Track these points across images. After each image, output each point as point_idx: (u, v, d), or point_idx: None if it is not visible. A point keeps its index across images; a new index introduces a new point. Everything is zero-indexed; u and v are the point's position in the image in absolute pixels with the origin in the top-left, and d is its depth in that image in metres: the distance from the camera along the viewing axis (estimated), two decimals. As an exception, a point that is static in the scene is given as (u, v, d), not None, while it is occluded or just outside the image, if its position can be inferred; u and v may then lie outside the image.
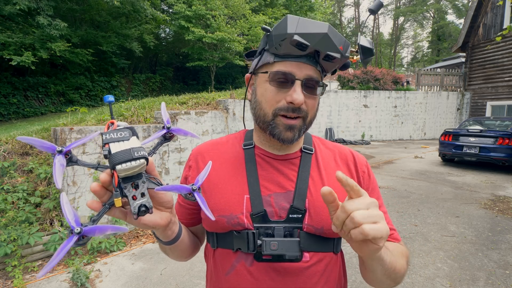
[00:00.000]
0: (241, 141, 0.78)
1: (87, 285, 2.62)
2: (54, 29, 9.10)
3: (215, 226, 0.69)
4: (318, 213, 0.67)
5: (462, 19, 25.98)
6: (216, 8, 12.63)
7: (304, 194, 0.68)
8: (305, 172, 0.71)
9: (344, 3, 37.86)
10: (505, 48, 11.75)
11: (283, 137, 0.66)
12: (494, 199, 4.93)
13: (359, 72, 12.55)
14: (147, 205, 0.46)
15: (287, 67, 0.64)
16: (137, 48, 12.66)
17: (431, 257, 3.10)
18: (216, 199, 0.69)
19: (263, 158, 0.73)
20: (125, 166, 0.42)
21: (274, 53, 0.66)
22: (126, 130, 0.46)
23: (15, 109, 10.74)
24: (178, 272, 2.87)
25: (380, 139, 12.63)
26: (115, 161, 0.42)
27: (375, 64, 32.18)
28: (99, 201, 0.46)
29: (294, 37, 0.59)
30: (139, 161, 0.43)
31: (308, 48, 0.61)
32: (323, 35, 0.60)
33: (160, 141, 0.53)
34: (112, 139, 0.44)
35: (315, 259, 0.67)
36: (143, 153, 0.44)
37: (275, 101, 0.66)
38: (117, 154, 0.43)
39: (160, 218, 0.53)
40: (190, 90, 14.59)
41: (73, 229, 0.39)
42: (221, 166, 0.73)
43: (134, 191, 0.45)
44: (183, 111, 4.50)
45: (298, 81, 0.64)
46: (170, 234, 0.60)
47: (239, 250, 0.67)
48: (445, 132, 7.72)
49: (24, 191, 3.11)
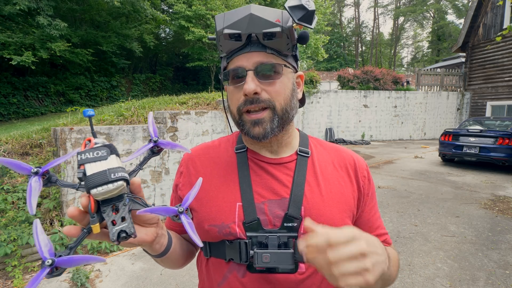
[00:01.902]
0: (233, 144, 0.74)
1: (87, 285, 2.62)
2: (54, 29, 9.10)
3: (206, 235, 0.66)
4: (314, 220, 0.63)
5: (462, 19, 25.99)
6: (216, 8, 12.63)
7: (299, 201, 0.64)
8: (301, 177, 0.67)
9: (344, 3, 37.86)
10: (505, 48, 11.76)
11: (253, 133, 0.63)
12: (494, 199, 4.93)
13: (359, 72, 12.56)
14: (127, 231, 0.42)
15: (235, 62, 0.63)
16: (137, 48, 12.66)
17: (431, 257, 3.10)
18: (207, 208, 0.66)
19: (256, 163, 0.69)
20: (101, 189, 0.39)
21: (223, 56, 0.65)
22: (103, 149, 0.42)
23: (15, 109, 10.75)
24: (178, 272, 2.87)
25: (380, 139, 12.63)
26: (89, 185, 0.39)
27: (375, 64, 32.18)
28: (77, 226, 0.42)
29: (224, 31, 0.58)
30: (116, 184, 0.39)
31: (242, 36, 0.59)
32: (249, 16, 0.57)
33: (148, 155, 0.50)
34: (87, 159, 0.40)
35: (312, 270, 0.63)
36: (121, 175, 0.40)
37: (236, 100, 0.64)
38: (92, 176, 0.39)
39: (146, 235, 0.50)
40: (190, 90, 14.59)
41: (45, 261, 0.36)
42: (213, 172, 0.70)
43: (114, 215, 0.42)
44: (183, 111, 4.50)
45: (249, 72, 0.61)
46: (159, 248, 0.57)
47: (232, 261, 0.64)
48: (445, 132, 7.72)
49: (24, 191, 3.11)
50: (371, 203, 0.73)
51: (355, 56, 36.95)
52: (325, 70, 28.26)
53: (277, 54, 0.62)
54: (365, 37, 39.48)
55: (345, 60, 33.31)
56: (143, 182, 3.84)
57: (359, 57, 37.18)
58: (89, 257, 0.39)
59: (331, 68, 29.57)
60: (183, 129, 4.39)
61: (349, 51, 38.01)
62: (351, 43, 38.56)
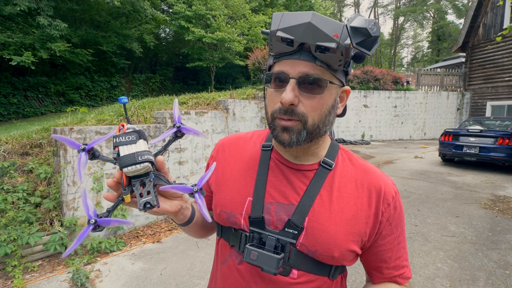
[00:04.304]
0: (263, 140, 0.77)
1: (87, 285, 2.62)
2: (55, 29, 9.10)
3: (218, 217, 0.73)
4: (315, 235, 0.62)
5: (462, 19, 25.99)
6: (216, 8, 12.63)
7: (305, 212, 0.63)
8: (315, 189, 0.66)
9: (344, 3, 37.86)
10: (505, 48, 11.76)
11: (280, 138, 0.62)
12: (494, 199, 4.93)
13: (359, 72, 12.55)
14: (151, 203, 0.51)
15: (281, 66, 0.61)
16: (137, 48, 12.66)
17: (431, 257, 3.10)
18: (223, 194, 0.72)
19: (276, 164, 0.70)
20: (130, 169, 0.48)
21: (272, 54, 0.63)
22: (133, 134, 0.50)
23: (15, 109, 10.74)
24: (178, 272, 2.87)
25: (380, 139, 12.63)
26: (122, 164, 0.48)
27: (375, 64, 32.17)
28: (115, 194, 0.52)
29: (277, 33, 0.57)
30: (142, 165, 0.48)
31: (294, 42, 0.57)
32: (306, 24, 0.55)
33: (171, 139, 0.57)
34: (120, 143, 0.49)
35: (305, 278, 0.64)
36: (147, 157, 0.49)
37: (273, 103, 0.63)
38: (123, 157, 0.48)
39: (170, 206, 0.58)
40: (190, 90, 14.59)
41: (90, 219, 0.47)
42: (236, 163, 0.75)
43: (142, 189, 0.51)
44: (183, 111, 4.50)
45: (292, 80, 0.59)
46: (182, 218, 0.65)
47: (233, 247, 0.70)
48: (445, 132, 7.72)
49: (24, 191, 3.11)
50: (394, 233, 0.68)
51: (355, 56, 36.91)
52: (325, 70, 28.26)
53: (327, 67, 0.59)
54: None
55: (345, 60, 33.28)
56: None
57: (359, 57, 37.13)
58: (121, 220, 0.50)
59: (331, 68, 29.55)
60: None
61: (349, 51, 37.97)
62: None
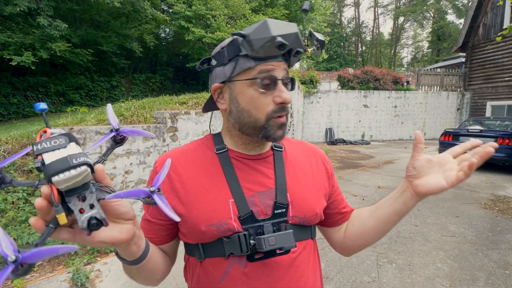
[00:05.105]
0: (211, 146, 0.75)
1: (87, 285, 2.62)
2: (55, 29, 9.10)
3: (202, 236, 0.66)
4: (299, 203, 0.71)
5: (462, 19, 25.98)
6: (216, 8, 12.63)
7: (285, 189, 0.71)
8: (281, 169, 0.74)
9: (344, 3, 37.86)
10: (505, 48, 11.76)
11: (276, 135, 0.68)
12: (494, 199, 4.93)
13: (359, 72, 12.55)
14: (98, 217, 0.40)
15: (269, 68, 0.66)
16: (137, 48, 12.65)
17: (431, 257, 3.10)
18: (201, 210, 0.66)
19: (239, 160, 0.73)
20: (63, 176, 0.36)
21: (254, 56, 0.64)
22: (61, 137, 0.40)
23: (15, 109, 10.74)
24: (178, 272, 2.86)
25: (380, 139, 12.63)
26: (50, 172, 0.36)
27: (375, 64, 32.18)
28: (41, 219, 0.39)
29: (277, 39, 0.61)
30: (79, 169, 0.37)
31: (286, 47, 0.64)
32: (295, 34, 0.64)
33: (111, 146, 0.49)
34: (45, 149, 0.38)
35: (300, 247, 0.71)
36: (84, 159, 0.38)
37: (266, 105, 0.66)
38: (52, 164, 0.37)
39: (120, 232, 0.46)
40: (190, 90, 14.59)
41: (7, 258, 0.33)
42: (197, 174, 0.70)
43: (81, 204, 0.39)
44: (183, 111, 4.50)
45: (279, 81, 0.66)
46: (136, 250, 0.54)
47: (232, 255, 0.66)
48: (445, 132, 7.73)
49: (24, 191, 3.11)
50: (336, 180, 0.87)
51: (355, 56, 36.95)
52: (325, 70, 28.26)
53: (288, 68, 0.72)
54: (365, 37, 39.50)
55: (345, 60, 33.30)
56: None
57: (359, 57, 37.18)
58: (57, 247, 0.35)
59: (331, 68, 29.57)
60: (183, 129, 4.39)
61: (349, 51, 38.01)
62: (351, 43, 38.57)
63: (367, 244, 0.81)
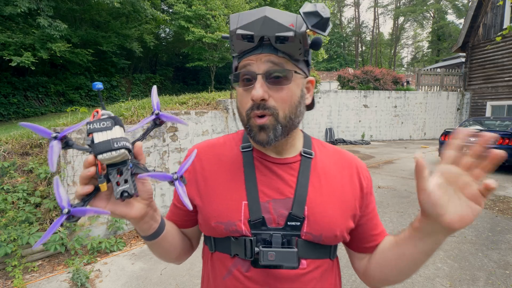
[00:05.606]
0: (239, 142, 0.74)
1: (87, 285, 2.62)
2: (55, 30, 9.10)
3: (213, 231, 0.68)
4: (317, 220, 0.65)
5: (462, 19, 25.99)
6: (216, 8, 12.62)
7: (303, 202, 0.65)
8: (305, 178, 0.68)
9: (344, 3, 37.85)
10: (505, 48, 11.75)
11: (258, 138, 0.64)
12: (494, 199, 4.93)
13: (359, 72, 12.56)
14: (129, 192, 0.48)
15: (246, 64, 0.63)
16: (137, 48, 12.66)
17: (431, 257, 3.09)
18: (214, 205, 0.67)
19: (261, 162, 0.70)
20: (106, 156, 0.45)
21: (235, 55, 0.65)
22: (109, 120, 0.47)
23: (15, 109, 10.75)
24: (178, 272, 2.87)
25: (380, 139, 12.63)
26: (96, 151, 0.45)
27: (375, 64, 32.18)
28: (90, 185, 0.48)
29: (237, 31, 0.59)
30: (118, 152, 0.45)
31: (254, 37, 0.59)
32: (263, 19, 0.58)
33: (151, 126, 0.54)
34: (95, 129, 0.46)
35: (312, 266, 0.66)
36: (123, 144, 0.46)
37: (245, 103, 0.64)
38: (98, 144, 0.45)
39: (130, 209, 0.53)
40: (190, 90, 14.58)
41: (63, 209, 0.44)
42: (219, 170, 0.71)
43: (118, 177, 0.48)
44: (183, 111, 4.50)
45: (259, 76, 0.61)
46: (147, 228, 0.59)
47: (237, 256, 0.66)
48: (445, 132, 7.73)
49: (24, 191, 3.11)
50: (373, 201, 0.76)
51: (355, 56, 36.95)
52: (325, 70, 28.25)
53: (289, 58, 0.62)
54: (365, 37, 39.49)
55: (345, 60, 33.29)
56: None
57: (359, 57, 37.17)
58: (97, 209, 0.46)
59: (331, 68, 29.55)
60: (183, 129, 4.39)
61: (349, 51, 38.00)
62: (351, 43, 38.56)
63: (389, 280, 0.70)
